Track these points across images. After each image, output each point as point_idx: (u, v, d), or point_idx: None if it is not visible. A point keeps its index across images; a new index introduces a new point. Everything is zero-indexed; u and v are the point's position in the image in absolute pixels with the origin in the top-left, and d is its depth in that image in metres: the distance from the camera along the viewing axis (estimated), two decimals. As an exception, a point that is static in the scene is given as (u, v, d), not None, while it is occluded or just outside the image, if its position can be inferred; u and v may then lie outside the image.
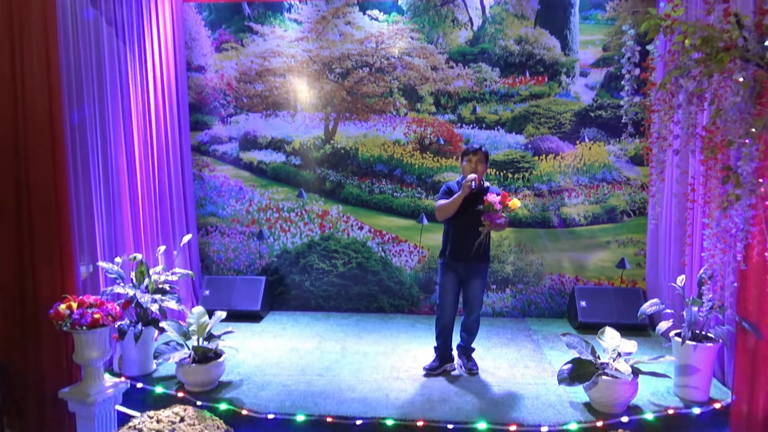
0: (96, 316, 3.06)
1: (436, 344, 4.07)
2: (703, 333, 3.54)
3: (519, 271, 5.47)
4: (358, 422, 3.30)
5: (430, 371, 3.98)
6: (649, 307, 3.69)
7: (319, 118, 5.55)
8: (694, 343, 3.45)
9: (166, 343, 3.78)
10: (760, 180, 2.12)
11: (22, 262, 3.38)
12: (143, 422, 2.77)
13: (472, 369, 4.02)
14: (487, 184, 3.95)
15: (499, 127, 5.42)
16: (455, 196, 3.81)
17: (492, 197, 3.67)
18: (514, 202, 3.68)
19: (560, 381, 3.42)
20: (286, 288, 5.67)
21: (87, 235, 3.79)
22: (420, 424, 3.28)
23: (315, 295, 5.65)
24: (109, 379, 3.33)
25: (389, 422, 3.29)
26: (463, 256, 3.87)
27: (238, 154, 5.66)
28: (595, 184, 5.36)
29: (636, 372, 3.35)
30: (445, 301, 3.97)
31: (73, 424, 3.29)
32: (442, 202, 3.88)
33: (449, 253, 3.93)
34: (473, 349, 4.15)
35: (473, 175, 3.76)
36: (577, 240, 5.41)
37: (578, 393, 3.60)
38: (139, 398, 3.65)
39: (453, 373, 4.02)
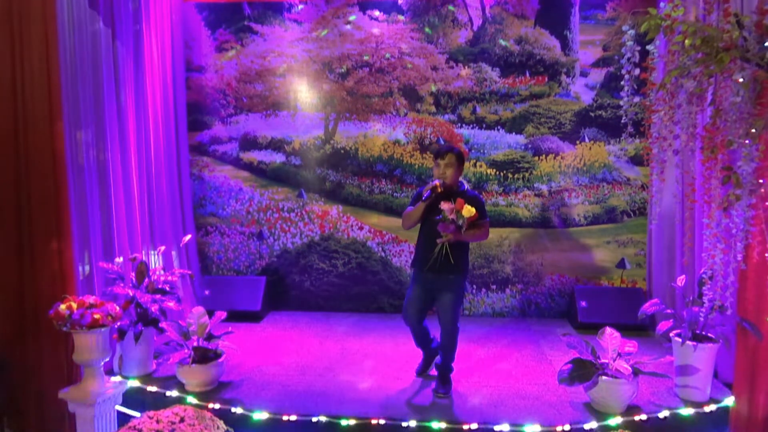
0: (96, 316, 3.06)
1: None
2: (703, 333, 3.54)
3: (519, 271, 5.47)
4: (358, 422, 3.30)
5: (420, 373, 3.98)
6: (649, 307, 3.69)
7: (319, 118, 5.55)
8: (694, 343, 3.45)
9: (166, 343, 3.79)
10: (760, 180, 2.13)
11: (22, 262, 3.38)
12: (143, 422, 2.77)
13: (438, 392, 3.64)
14: (465, 186, 3.68)
15: (499, 127, 5.41)
16: (417, 205, 3.55)
17: (446, 206, 3.38)
18: (468, 209, 3.40)
19: (560, 381, 3.42)
20: (286, 288, 5.67)
21: (87, 236, 3.79)
22: (420, 424, 3.28)
23: (315, 295, 5.64)
24: (109, 380, 3.33)
25: (389, 422, 3.29)
26: (431, 266, 3.55)
27: (238, 154, 5.65)
28: (595, 184, 5.35)
29: (636, 372, 3.35)
30: (406, 311, 3.71)
31: (73, 424, 3.29)
32: (407, 210, 3.65)
33: (418, 263, 3.67)
34: (451, 369, 3.76)
35: (434, 182, 3.49)
36: (577, 240, 5.41)
37: (578, 393, 3.60)
38: (139, 398, 3.66)
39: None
